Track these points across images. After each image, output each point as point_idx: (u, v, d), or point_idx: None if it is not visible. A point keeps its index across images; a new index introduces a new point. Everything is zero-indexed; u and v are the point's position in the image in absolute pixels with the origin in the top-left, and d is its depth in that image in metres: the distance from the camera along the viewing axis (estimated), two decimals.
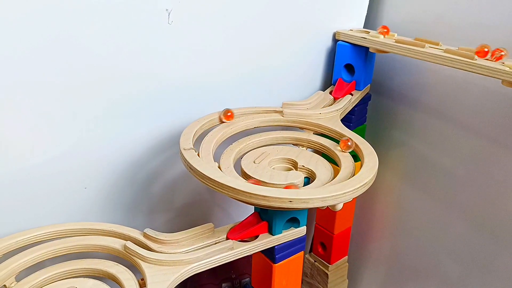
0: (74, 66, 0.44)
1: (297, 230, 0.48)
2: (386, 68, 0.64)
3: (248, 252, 0.46)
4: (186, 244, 0.45)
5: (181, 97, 0.53)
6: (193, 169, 0.41)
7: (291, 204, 0.38)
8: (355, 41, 0.58)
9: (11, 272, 0.41)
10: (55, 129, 0.46)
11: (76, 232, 0.45)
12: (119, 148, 0.51)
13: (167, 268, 0.42)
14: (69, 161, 0.48)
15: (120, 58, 0.46)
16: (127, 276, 0.42)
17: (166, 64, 0.50)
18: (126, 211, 0.56)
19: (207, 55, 0.52)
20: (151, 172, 0.56)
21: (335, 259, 0.69)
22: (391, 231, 0.71)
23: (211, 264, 0.44)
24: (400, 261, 0.71)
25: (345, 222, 0.67)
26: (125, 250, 0.43)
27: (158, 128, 0.53)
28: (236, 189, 0.38)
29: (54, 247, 0.44)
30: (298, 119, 0.52)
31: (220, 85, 0.55)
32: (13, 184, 0.45)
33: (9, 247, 0.43)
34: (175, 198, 0.61)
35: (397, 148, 0.66)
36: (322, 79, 0.63)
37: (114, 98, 0.48)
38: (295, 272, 0.51)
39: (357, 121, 0.62)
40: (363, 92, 0.61)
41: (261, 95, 0.58)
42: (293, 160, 0.48)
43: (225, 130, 0.50)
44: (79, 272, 0.43)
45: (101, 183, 0.52)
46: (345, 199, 0.39)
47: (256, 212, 0.49)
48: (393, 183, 0.68)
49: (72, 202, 0.50)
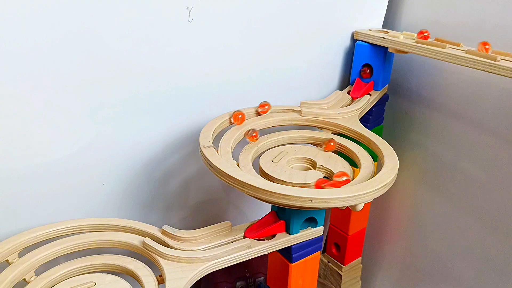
0: (93, 61, 0.44)
1: (314, 230, 0.48)
2: (404, 68, 0.64)
3: (266, 251, 0.46)
4: (204, 241, 0.45)
5: (200, 95, 0.53)
6: (213, 167, 0.41)
7: (312, 203, 0.37)
8: (374, 41, 0.58)
9: (31, 266, 0.42)
10: (73, 125, 0.46)
11: (95, 227, 0.46)
12: (136, 145, 0.52)
13: (185, 265, 0.42)
14: (88, 157, 0.48)
15: (140, 54, 0.46)
16: (145, 272, 0.42)
17: (185, 62, 0.50)
18: (142, 208, 0.56)
19: (226, 54, 0.52)
20: (168, 169, 0.56)
21: (349, 260, 0.69)
22: (405, 233, 0.71)
23: (228, 262, 0.44)
24: (414, 263, 0.71)
25: (360, 223, 0.67)
26: (143, 247, 0.43)
27: (175, 125, 0.53)
28: (256, 187, 0.38)
29: (74, 242, 0.44)
30: (317, 119, 0.52)
31: (238, 84, 0.55)
32: (32, 179, 0.45)
33: (29, 241, 0.43)
34: (191, 196, 0.61)
35: (414, 149, 0.66)
36: (339, 79, 0.63)
37: (132, 95, 0.48)
38: (311, 272, 0.51)
39: (375, 122, 0.61)
40: (381, 93, 0.60)
41: (279, 94, 0.58)
42: (311, 160, 0.48)
43: (243, 128, 0.50)
44: (98, 267, 0.43)
45: (119, 180, 0.52)
46: (366, 199, 0.39)
47: (273, 211, 0.49)
48: (409, 185, 0.68)
49: (90, 197, 0.50)
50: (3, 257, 0.42)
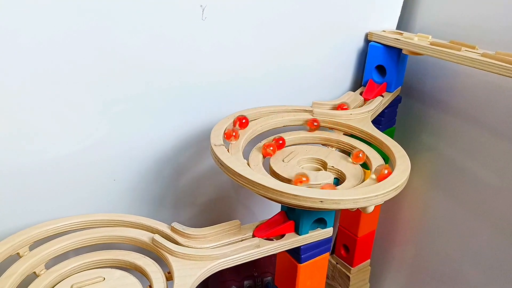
0: (106, 58, 0.44)
1: (323, 231, 0.48)
2: (418, 70, 0.63)
3: (274, 250, 0.46)
4: (213, 239, 0.45)
5: (211, 93, 0.53)
6: (223, 166, 0.41)
7: (322, 204, 0.37)
8: (388, 42, 0.57)
9: (41, 260, 0.42)
10: (85, 121, 0.46)
11: (105, 223, 0.46)
12: (147, 142, 0.52)
13: (194, 262, 0.42)
14: (99, 153, 0.49)
15: (152, 51, 0.47)
16: (154, 268, 0.42)
17: (197, 60, 0.50)
18: (152, 205, 0.56)
19: (238, 52, 0.52)
20: (178, 167, 0.56)
21: (357, 262, 0.68)
22: (415, 236, 0.70)
23: (237, 260, 0.44)
24: (423, 267, 0.70)
25: (370, 225, 0.66)
26: (152, 243, 0.44)
27: (186, 123, 0.54)
28: (267, 187, 0.38)
29: (83, 237, 0.44)
30: (328, 119, 0.52)
31: (250, 82, 0.55)
32: (44, 173, 0.46)
33: (39, 235, 0.44)
34: (200, 194, 0.61)
35: (426, 152, 0.65)
36: (352, 80, 0.62)
37: (144, 92, 0.48)
38: (319, 273, 0.50)
39: (387, 124, 0.61)
40: (393, 94, 0.60)
41: (290, 93, 0.58)
42: (322, 160, 0.47)
43: (255, 128, 0.50)
44: (107, 262, 0.43)
45: (130, 176, 0.52)
46: (377, 201, 0.38)
47: (282, 211, 0.49)
48: (420, 188, 0.67)
49: (101, 193, 0.51)
50: (14, 250, 0.42)
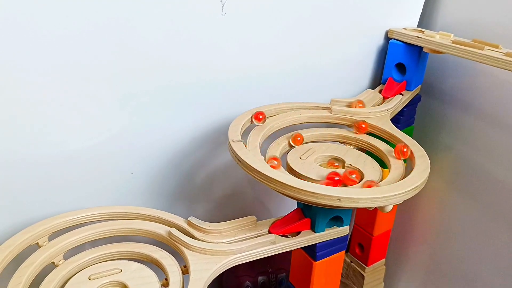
0: (126, 53, 0.44)
1: (340, 229, 0.48)
2: (438, 69, 0.62)
3: (290, 247, 0.46)
4: (229, 234, 0.45)
5: (229, 89, 0.53)
6: (241, 161, 0.41)
7: (340, 202, 0.37)
8: (409, 40, 0.56)
9: (60, 250, 0.43)
10: (104, 114, 0.47)
11: (123, 215, 0.46)
12: (165, 136, 0.52)
13: (210, 257, 0.42)
14: (117, 146, 0.49)
15: (172, 46, 0.47)
16: (170, 262, 0.42)
17: (216, 56, 0.50)
18: (169, 199, 0.57)
19: (257, 49, 0.52)
20: (194, 162, 0.57)
21: (372, 261, 0.68)
22: (432, 236, 0.70)
23: (253, 256, 0.44)
24: (439, 268, 0.70)
25: (386, 224, 0.66)
26: (169, 237, 0.44)
27: (204, 119, 0.54)
28: (284, 184, 0.38)
29: (101, 229, 0.45)
30: (347, 117, 0.52)
31: (268, 79, 0.55)
32: (63, 165, 0.46)
33: (58, 225, 0.44)
34: (216, 189, 0.61)
35: (444, 152, 0.64)
36: (371, 78, 0.62)
37: (162, 87, 0.49)
38: (335, 271, 0.50)
39: (405, 122, 0.60)
40: (413, 93, 0.59)
41: (309, 90, 0.58)
42: (340, 158, 0.47)
43: (272, 124, 0.50)
44: (124, 254, 0.44)
45: (147, 170, 0.53)
46: (396, 201, 0.38)
47: (299, 208, 0.49)
48: (437, 188, 0.67)
49: (119, 185, 0.51)
50: (34, 240, 0.43)
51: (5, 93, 0.40)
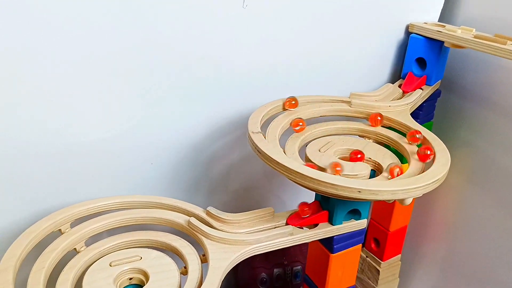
0: (145, 44, 0.45)
1: (357, 222, 0.48)
2: (459, 64, 0.62)
3: (307, 239, 0.46)
4: (247, 225, 0.46)
5: (249, 82, 0.53)
6: (261, 153, 0.42)
7: (360, 194, 0.37)
8: (430, 35, 0.56)
9: (81, 237, 0.44)
10: (124, 106, 0.47)
11: (143, 204, 0.47)
12: (184, 128, 0.53)
13: (228, 246, 0.43)
14: (137, 137, 0.50)
15: (191, 40, 0.47)
16: (189, 250, 0.43)
17: (236, 49, 0.50)
18: (187, 190, 0.57)
19: (278, 42, 0.52)
20: (212, 154, 0.57)
21: (388, 257, 0.68)
22: (449, 233, 0.69)
23: (270, 247, 0.44)
24: (455, 265, 0.69)
25: (402, 220, 0.66)
26: (188, 226, 0.44)
27: (222, 111, 0.54)
28: (304, 175, 0.38)
29: (122, 217, 0.45)
30: (366, 111, 0.52)
31: (287, 72, 0.55)
32: (85, 155, 0.47)
33: (81, 213, 0.45)
34: (232, 182, 0.62)
35: (464, 148, 0.64)
36: (391, 72, 0.62)
37: (181, 80, 0.49)
38: (351, 264, 0.50)
39: (425, 117, 0.60)
40: (433, 88, 0.59)
41: (328, 84, 0.58)
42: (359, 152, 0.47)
43: (291, 116, 0.50)
44: (144, 243, 0.45)
45: (167, 161, 0.53)
46: (416, 194, 0.38)
47: (316, 201, 0.49)
48: (456, 184, 0.66)
49: (138, 176, 0.52)
50: (56, 227, 0.44)
51: (28, 85, 0.41)
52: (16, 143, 0.43)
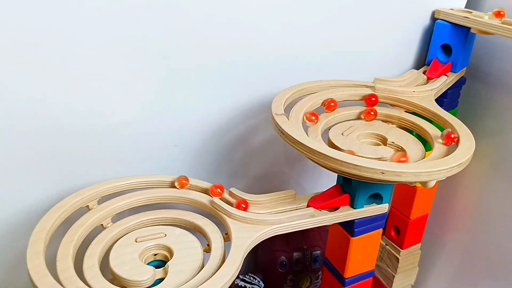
0: (171, 30, 0.46)
1: (379, 206, 0.48)
2: (485, 51, 0.61)
3: (328, 221, 0.47)
4: (269, 206, 0.47)
5: (272, 68, 0.54)
6: (284, 134, 0.42)
7: (383, 176, 0.37)
8: (456, 21, 0.55)
9: (108, 213, 0.45)
10: (149, 89, 0.48)
11: (168, 184, 0.48)
12: (208, 112, 0.53)
13: (250, 226, 0.43)
14: (161, 120, 0.51)
15: (215, 25, 0.47)
16: (212, 229, 0.44)
17: (262, 33, 0.51)
18: (209, 172, 0.58)
19: (303, 27, 0.52)
20: (234, 138, 0.58)
21: (408, 245, 0.68)
22: (470, 223, 0.69)
23: (291, 228, 0.45)
24: (476, 256, 0.69)
25: (423, 208, 0.65)
26: (211, 205, 0.45)
27: (245, 96, 0.55)
28: (328, 156, 0.39)
29: (148, 195, 0.47)
30: (390, 95, 0.51)
31: (312, 57, 0.55)
32: (112, 135, 0.48)
33: (108, 190, 0.46)
34: (253, 166, 0.62)
35: (488, 137, 0.63)
36: (415, 58, 0.61)
37: (206, 64, 0.50)
38: (371, 248, 0.51)
39: (449, 105, 0.59)
40: (458, 75, 0.58)
41: (352, 69, 0.58)
42: (382, 136, 0.47)
43: (315, 100, 0.50)
44: (168, 221, 0.46)
45: (190, 144, 0.54)
46: (439, 176, 0.38)
47: (338, 185, 0.49)
48: (479, 174, 0.65)
49: (163, 157, 0.53)
50: (84, 203, 0.45)
51: (57, 66, 0.42)
52: (46, 123, 0.44)
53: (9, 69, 0.40)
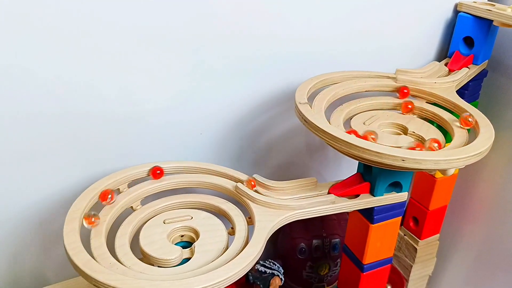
0: (198, 21, 0.47)
1: (398, 194, 0.49)
2: (508, 44, 0.61)
3: (348, 208, 0.48)
4: (290, 192, 0.48)
5: (295, 59, 0.55)
6: (308, 122, 0.44)
7: (403, 163, 0.38)
8: (479, 13, 0.56)
9: (138, 196, 0.47)
10: (177, 78, 0.50)
11: (194, 169, 0.50)
12: (232, 101, 0.55)
13: (273, 210, 0.45)
14: (188, 108, 0.52)
15: (241, 17, 0.49)
16: (236, 213, 0.46)
17: (285, 26, 0.52)
18: (232, 160, 0.60)
19: (326, 18, 0.53)
20: (257, 128, 0.59)
21: (426, 235, 0.69)
22: (489, 215, 0.69)
23: (312, 213, 0.46)
24: (494, 248, 0.69)
25: (442, 199, 0.66)
26: (235, 190, 0.47)
27: (269, 86, 0.56)
28: (350, 143, 0.40)
29: (175, 180, 0.49)
30: (412, 86, 0.52)
31: (335, 48, 0.56)
32: (141, 123, 0.50)
33: (137, 174, 0.49)
34: (275, 155, 0.64)
35: (508, 129, 0.63)
36: (437, 50, 0.62)
37: (231, 55, 0.51)
38: (390, 236, 0.52)
39: (470, 97, 0.60)
40: (480, 67, 0.59)
41: (374, 61, 0.59)
42: (403, 126, 0.48)
43: (337, 90, 0.51)
44: (194, 204, 0.48)
45: (215, 132, 0.56)
46: (458, 164, 0.39)
47: (358, 173, 0.51)
48: (498, 166, 0.66)
49: (189, 144, 0.55)
50: (115, 186, 0.47)
51: (92, 57, 0.44)
52: (83, 110, 0.46)
53: (45, 58, 0.42)
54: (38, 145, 0.46)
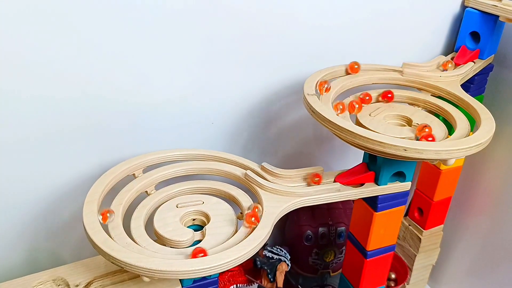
0: (211, 13, 0.49)
1: (402, 184, 0.51)
2: None
3: (353, 196, 0.50)
4: (298, 180, 0.50)
5: (304, 50, 0.57)
6: (315, 112, 0.45)
7: (405, 152, 0.40)
8: (485, 9, 0.57)
9: (152, 182, 0.49)
10: (189, 70, 0.52)
11: (205, 157, 0.52)
12: (242, 92, 0.57)
13: (280, 197, 0.47)
14: (199, 98, 0.55)
15: (251, 8, 0.51)
16: (245, 198, 0.48)
17: (293, 18, 0.54)
18: (242, 148, 0.62)
19: (335, 11, 0.55)
20: (266, 118, 0.61)
21: (430, 226, 0.70)
22: (493, 207, 0.70)
23: (318, 200, 0.48)
24: (497, 240, 0.70)
25: (447, 190, 0.67)
26: (245, 177, 0.49)
27: (279, 77, 0.58)
28: (354, 133, 0.42)
29: (188, 167, 0.51)
30: (417, 80, 0.54)
31: (343, 41, 0.58)
32: (155, 112, 0.53)
33: (152, 161, 0.51)
34: (283, 145, 0.66)
35: None
36: (444, 44, 0.63)
37: (242, 47, 0.53)
38: (393, 224, 0.54)
39: (475, 91, 0.61)
40: (485, 62, 0.60)
41: (381, 54, 0.60)
42: (407, 118, 0.50)
43: (344, 83, 0.53)
44: (205, 190, 0.50)
45: (225, 122, 0.58)
46: (458, 155, 0.41)
47: (364, 163, 0.52)
48: (503, 160, 0.67)
49: (201, 133, 0.57)
50: (131, 171, 0.50)
51: (105, 49, 0.46)
52: (100, 99, 0.49)
53: (64, 46, 0.44)
54: (60, 132, 0.49)
